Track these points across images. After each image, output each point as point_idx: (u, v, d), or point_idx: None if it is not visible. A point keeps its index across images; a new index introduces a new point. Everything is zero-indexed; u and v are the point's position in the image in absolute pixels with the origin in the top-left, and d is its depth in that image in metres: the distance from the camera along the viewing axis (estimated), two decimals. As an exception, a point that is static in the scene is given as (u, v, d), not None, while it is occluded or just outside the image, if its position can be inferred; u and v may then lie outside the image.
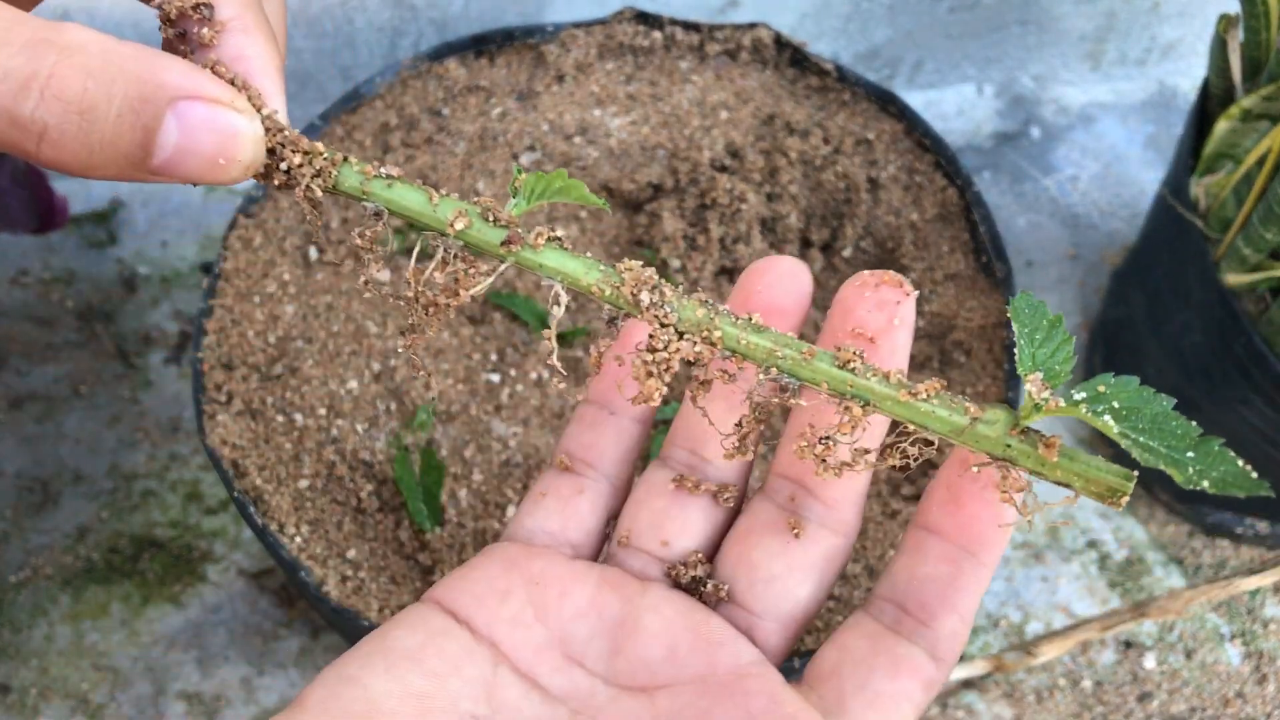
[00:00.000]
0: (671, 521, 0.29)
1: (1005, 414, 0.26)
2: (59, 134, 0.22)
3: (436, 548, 0.49)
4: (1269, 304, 0.64)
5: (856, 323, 0.26)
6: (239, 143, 0.23)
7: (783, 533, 0.28)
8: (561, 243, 0.26)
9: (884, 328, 0.26)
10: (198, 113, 0.23)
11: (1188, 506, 0.79)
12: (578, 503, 0.30)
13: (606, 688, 0.27)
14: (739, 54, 0.62)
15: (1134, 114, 1.01)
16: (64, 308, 0.84)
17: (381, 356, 0.52)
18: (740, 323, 0.26)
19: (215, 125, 0.23)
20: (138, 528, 0.76)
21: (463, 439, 0.51)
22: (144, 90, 0.22)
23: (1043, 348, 0.26)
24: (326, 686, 0.26)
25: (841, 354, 0.25)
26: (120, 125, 0.22)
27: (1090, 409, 0.26)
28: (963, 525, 0.26)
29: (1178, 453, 0.25)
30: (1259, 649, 0.78)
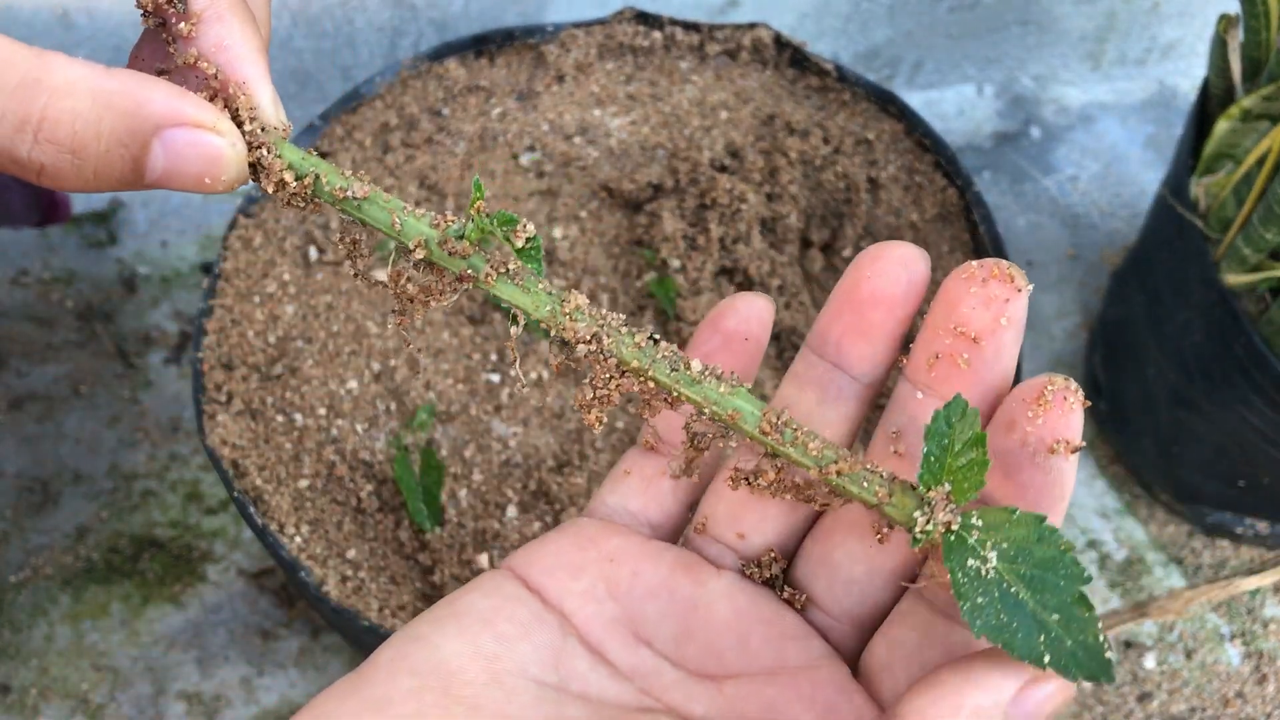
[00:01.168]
0: (749, 514, 0.28)
1: (911, 503, 0.25)
2: (55, 170, 0.24)
3: (436, 548, 0.49)
4: (1269, 304, 0.64)
5: (960, 320, 0.24)
6: (221, 164, 0.25)
7: (867, 535, 0.27)
8: (511, 277, 0.28)
9: (989, 327, 0.24)
10: (181, 138, 0.24)
11: (1188, 507, 0.80)
12: (660, 483, 0.29)
13: (674, 670, 0.27)
14: (739, 54, 0.62)
15: (1134, 114, 1.01)
16: (64, 308, 0.84)
17: (381, 356, 0.52)
18: (675, 375, 0.27)
19: (198, 150, 0.24)
20: (138, 528, 0.76)
21: (462, 439, 0.51)
22: (130, 124, 0.24)
23: (960, 458, 0.24)
24: (395, 647, 0.26)
25: (767, 417, 0.26)
26: (110, 158, 0.24)
27: (979, 539, 0.24)
28: (1019, 494, 0.25)
29: (1044, 609, 0.23)
30: (1259, 649, 0.78)
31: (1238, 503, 0.77)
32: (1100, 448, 0.84)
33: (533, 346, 0.53)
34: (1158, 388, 0.75)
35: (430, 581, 0.49)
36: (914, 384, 0.26)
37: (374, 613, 0.47)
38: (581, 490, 0.49)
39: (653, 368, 0.27)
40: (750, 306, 0.28)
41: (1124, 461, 0.83)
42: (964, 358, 0.24)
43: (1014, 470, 0.24)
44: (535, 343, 0.53)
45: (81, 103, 0.23)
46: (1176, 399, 0.73)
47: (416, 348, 0.53)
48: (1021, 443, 0.24)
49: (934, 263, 0.58)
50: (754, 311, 0.28)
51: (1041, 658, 0.23)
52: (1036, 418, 0.23)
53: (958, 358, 0.25)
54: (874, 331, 0.26)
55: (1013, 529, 0.24)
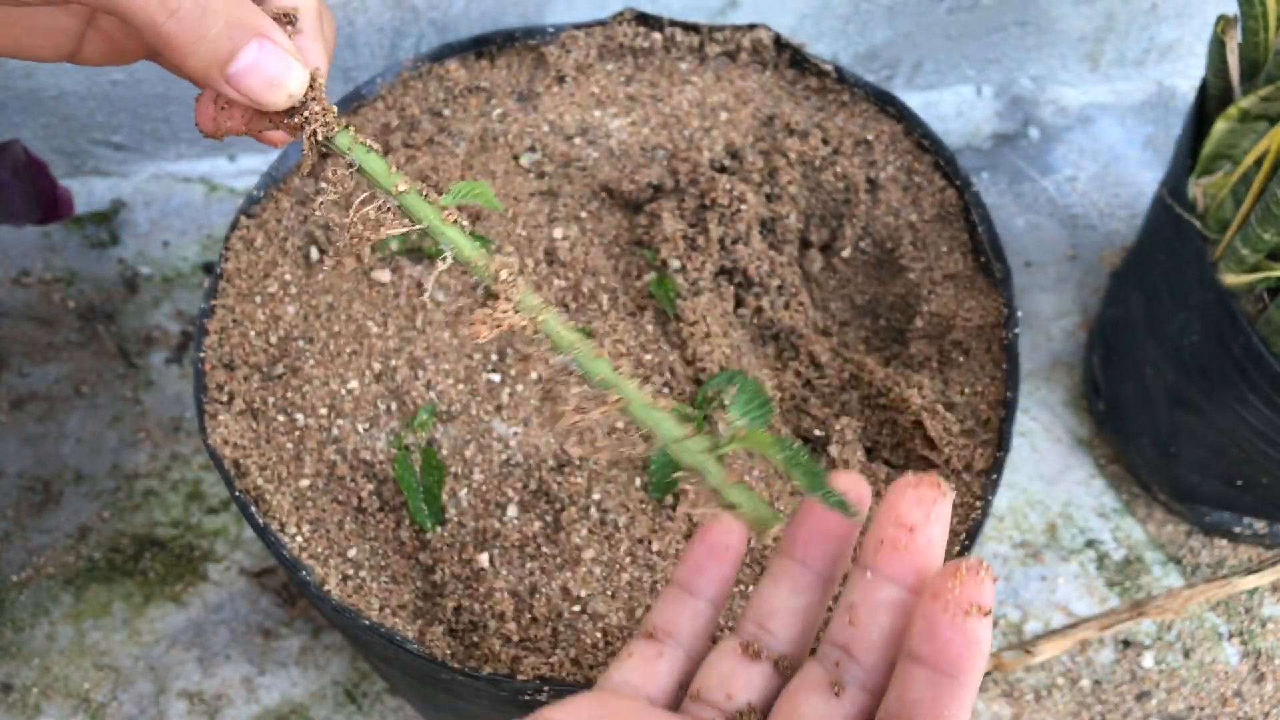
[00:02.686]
0: (736, 679, 0.34)
1: (708, 440, 0.35)
2: (174, 40, 0.32)
3: (437, 547, 0.49)
4: (1267, 304, 0.65)
5: (899, 515, 0.31)
6: (290, 74, 0.34)
7: (826, 691, 0.32)
8: (462, 227, 0.35)
9: (921, 521, 0.31)
10: (270, 48, 0.33)
11: (1186, 506, 0.80)
12: (657, 664, 0.35)
13: None
14: (739, 55, 0.63)
15: (1132, 115, 1.01)
16: (65, 308, 0.84)
17: (382, 357, 0.53)
18: (561, 321, 0.35)
19: (279, 59, 0.33)
20: (139, 527, 0.76)
21: (463, 439, 0.51)
22: (246, 21, 0.33)
23: (748, 406, 0.38)
24: None
25: (616, 362, 0.33)
26: (219, 40, 0.32)
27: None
28: (941, 651, 0.29)
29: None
30: (1257, 648, 0.78)
31: (1236, 502, 0.77)
32: (1099, 447, 0.85)
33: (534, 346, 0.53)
34: (1156, 387, 0.75)
35: (431, 580, 0.49)
36: (864, 566, 0.32)
37: (375, 611, 0.47)
38: (581, 489, 0.49)
39: (546, 312, 0.35)
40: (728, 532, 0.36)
41: (1122, 461, 0.83)
42: (902, 543, 0.31)
43: (937, 632, 0.29)
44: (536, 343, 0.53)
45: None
46: (1175, 399, 0.73)
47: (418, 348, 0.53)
48: (943, 608, 0.29)
49: (933, 263, 0.58)
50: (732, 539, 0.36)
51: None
52: (955, 588, 0.29)
53: (897, 543, 0.31)
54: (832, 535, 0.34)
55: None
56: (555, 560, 0.48)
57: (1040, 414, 0.86)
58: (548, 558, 0.48)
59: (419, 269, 0.55)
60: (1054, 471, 0.84)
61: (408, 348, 0.53)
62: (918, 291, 0.58)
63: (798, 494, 0.52)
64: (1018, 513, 0.82)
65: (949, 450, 0.52)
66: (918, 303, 0.58)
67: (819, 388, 0.55)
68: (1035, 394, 0.87)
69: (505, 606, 0.47)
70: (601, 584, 0.48)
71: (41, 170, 0.68)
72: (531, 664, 0.46)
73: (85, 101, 0.83)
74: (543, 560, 0.48)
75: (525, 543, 0.48)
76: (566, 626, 0.47)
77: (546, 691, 0.45)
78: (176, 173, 0.90)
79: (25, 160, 0.67)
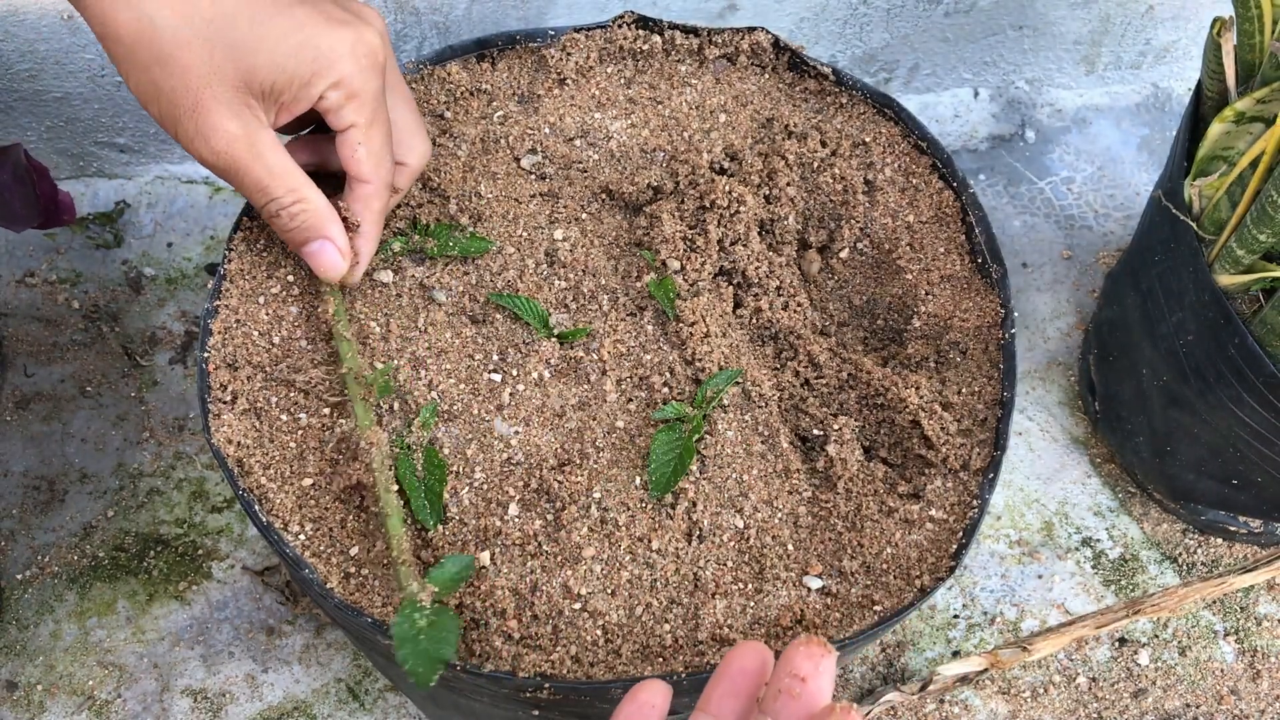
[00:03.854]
0: None
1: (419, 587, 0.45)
2: (279, 225, 0.50)
3: (439, 545, 0.49)
4: (1262, 305, 0.65)
5: (793, 668, 0.37)
6: (337, 274, 0.52)
7: None
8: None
9: (811, 673, 0.37)
10: (329, 248, 0.51)
11: (1182, 505, 0.80)
12: None
13: None
14: (738, 58, 0.63)
15: (1128, 117, 1.02)
16: (70, 308, 0.84)
17: (384, 357, 0.53)
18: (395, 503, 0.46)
19: (330, 256, 0.51)
20: (144, 526, 0.77)
21: (465, 438, 0.51)
22: (315, 226, 0.50)
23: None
24: None
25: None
26: (297, 231, 0.50)
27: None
28: None
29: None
30: (1253, 646, 0.78)
31: (1231, 501, 0.77)
32: (1094, 447, 0.85)
33: (534, 346, 0.53)
34: (1152, 387, 0.75)
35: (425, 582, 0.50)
36: (765, 712, 0.37)
37: (377, 609, 0.48)
38: (582, 488, 0.49)
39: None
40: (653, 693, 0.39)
41: (1118, 460, 0.84)
42: (796, 691, 0.36)
43: None
44: (536, 343, 0.54)
45: (307, 207, 0.49)
46: (1170, 398, 0.74)
47: (420, 348, 0.54)
48: None
49: (930, 264, 0.59)
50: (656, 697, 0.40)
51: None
52: None
53: (792, 691, 0.36)
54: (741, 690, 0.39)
55: None
56: (556, 558, 0.48)
57: (1037, 414, 0.87)
58: (548, 556, 0.49)
59: (421, 269, 0.56)
60: (1050, 470, 0.84)
61: (409, 347, 0.53)
62: (915, 292, 0.58)
63: (798, 493, 0.52)
64: (1014, 511, 0.83)
65: (946, 449, 0.53)
66: (915, 303, 0.58)
67: (817, 387, 0.56)
68: (1032, 394, 0.87)
69: (506, 604, 0.47)
70: (601, 582, 0.48)
71: (43, 175, 0.68)
72: (532, 661, 0.46)
73: (90, 104, 0.83)
74: (543, 558, 0.49)
75: (526, 541, 0.49)
76: (567, 624, 0.47)
77: (547, 688, 0.45)
78: (180, 174, 0.90)
79: (26, 164, 0.67)
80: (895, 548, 0.51)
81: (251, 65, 0.45)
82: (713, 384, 0.52)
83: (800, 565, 0.50)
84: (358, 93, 0.48)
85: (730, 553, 0.50)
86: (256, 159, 0.47)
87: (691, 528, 0.50)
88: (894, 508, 0.52)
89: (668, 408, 0.51)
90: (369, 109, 0.49)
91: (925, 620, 0.78)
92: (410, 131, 0.53)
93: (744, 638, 0.48)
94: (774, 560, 0.50)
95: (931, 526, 0.51)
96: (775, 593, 0.49)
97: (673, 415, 0.50)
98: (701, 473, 0.50)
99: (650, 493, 0.49)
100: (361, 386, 0.51)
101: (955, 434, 0.53)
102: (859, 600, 0.49)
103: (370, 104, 0.49)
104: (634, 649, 0.47)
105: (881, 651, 0.76)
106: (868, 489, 0.52)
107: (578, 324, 0.55)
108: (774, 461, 0.52)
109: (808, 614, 0.49)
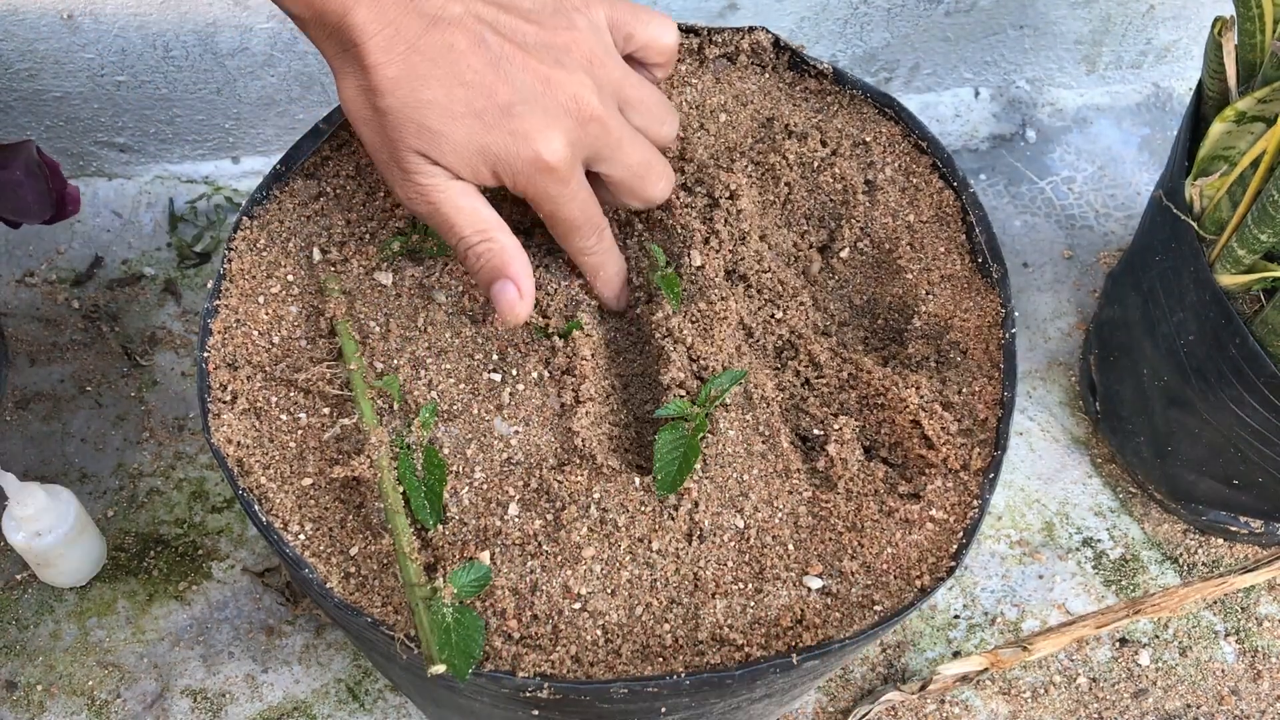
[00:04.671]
0: None
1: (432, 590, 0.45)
2: (468, 264, 0.50)
3: (439, 545, 0.49)
4: (1263, 304, 0.65)
5: None
6: (518, 316, 0.50)
7: None
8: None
9: None
10: (512, 290, 0.49)
11: (1183, 505, 0.80)
12: None
13: None
14: (738, 57, 0.63)
15: (1129, 116, 1.02)
16: (70, 308, 0.85)
17: (384, 357, 0.53)
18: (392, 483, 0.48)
19: (514, 303, 0.49)
20: (143, 526, 0.77)
21: (464, 437, 0.51)
22: (499, 267, 0.49)
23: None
24: None
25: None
26: (483, 271, 0.49)
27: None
28: None
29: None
30: (1253, 646, 0.78)
31: (1232, 501, 0.77)
32: (1095, 447, 0.85)
33: (533, 346, 0.53)
34: (1152, 387, 0.75)
35: (432, 579, 0.50)
36: None
37: (377, 609, 0.48)
38: (582, 488, 0.49)
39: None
40: None
41: (1119, 460, 0.84)
42: None
43: None
44: (536, 342, 0.54)
45: (495, 252, 0.49)
46: (1171, 399, 0.74)
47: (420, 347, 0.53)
48: None
49: (930, 264, 0.59)
50: None
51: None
52: None
53: None
54: None
55: None
56: (556, 558, 0.48)
57: (1037, 414, 0.87)
58: (548, 556, 0.49)
59: (420, 270, 0.55)
60: (1051, 471, 0.84)
61: (409, 347, 0.53)
62: (916, 292, 0.58)
63: (798, 493, 0.52)
64: (1015, 512, 0.83)
65: (946, 449, 0.53)
66: (916, 303, 0.58)
67: (818, 387, 0.56)
68: (1032, 394, 0.87)
69: (506, 604, 0.47)
70: (601, 582, 0.48)
71: (54, 170, 0.69)
72: (532, 661, 0.46)
73: (89, 103, 0.83)
74: (543, 558, 0.48)
75: (526, 541, 0.49)
76: (567, 624, 0.47)
77: (547, 688, 0.45)
78: (180, 174, 0.90)
79: (38, 160, 0.68)
80: (895, 548, 0.51)
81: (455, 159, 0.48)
82: (716, 383, 0.52)
83: (800, 565, 0.50)
84: (530, 199, 0.49)
85: (730, 553, 0.50)
86: (447, 200, 0.48)
87: (692, 528, 0.50)
88: (894, 508, 0.52)
89: (670, 405, 0.51)
90: (545, 212, 0.50)
91: (926, 620, 0.78)
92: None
93: (744, 638, 0.48)
94: (774, 560, 0.50)
95: (932, 526, 0.51)
96: (775, 593, 0.49)
97: (675, 413, 0.50)
98: (704, 472, 0.50)
99: (657, 491, 0.49)
100: (368, 385, 0.51)
101: (956, 434, 0.53)
102: (859, 600, 0.49)
103: (546, 209, 0.50)
104: (634, 649, 0.47)
105: (881, 651, 0.76)
106: (868, 489, 0.52)
107: (579, 323, 0.55)
108: (774, 461, 0.52)
109: (808, 614, 0.49)
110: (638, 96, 0.52)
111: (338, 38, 0.46)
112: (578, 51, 0.49)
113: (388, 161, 0.48)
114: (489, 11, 0.47)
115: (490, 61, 0.46)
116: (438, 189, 0.48)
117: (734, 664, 0.47)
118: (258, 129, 0.89)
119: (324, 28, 0.46)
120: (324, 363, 0.53)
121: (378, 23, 0.45)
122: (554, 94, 0.47)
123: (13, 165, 0.67)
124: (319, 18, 0.46)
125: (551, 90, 0.47)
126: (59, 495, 0.70)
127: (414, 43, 0.46)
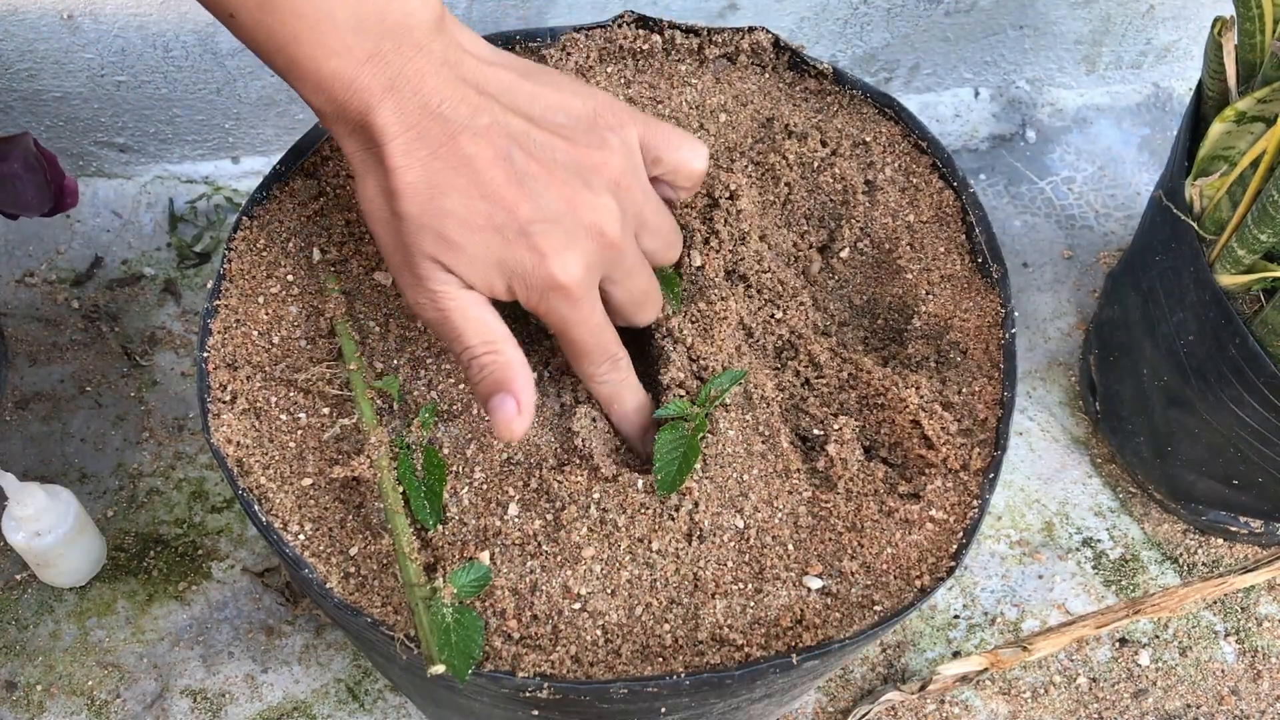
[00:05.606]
0: None
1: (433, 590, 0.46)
2: (469, 375, 0.48)
3: (439, 545, 0.49)
4: (1263, 305, 0.65)
5: None
6: (516, 432, 0.47)
7: None
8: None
9: None
10: (511, 404, 0.47)
11: (1183, 505, 0.80)
12: None
13: None
14: (738, 57, 0.63)
15: (1129, 117, 1.02)
16: (70, 308, 0.85)
17: (384, 357, 0.53)
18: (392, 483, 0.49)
19: (511, 418, 0.47)
20: (143, 526, 0.77)
21: (464, 438, 0.51)
22: (500, 380, 0.47)
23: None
24: None
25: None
26: (484, 384, 0.47)
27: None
28: None
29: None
30: (1254, 646, 0.78)
31: (1232, 501, 0.77)
32: (1095, 447, 0.85)
33: (532, 347, 0.53)
34: (1152, 388, 0.76)
35: (432, 579, 0.50)
36: None
37: (377, 609, 0.48)
38: (582, 488, 0.49)
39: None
40: None
41: (1119, 460, 0.84)
42: None
43: None
44: (536, 343, 0.54)
45: (499, 357, 0.47)
46: (1171, 399, 0.74)
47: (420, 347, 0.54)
48: None
49: (930, 264, 0.59)
50: None
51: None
52: None
53: None
54: None
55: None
56: (555, 558, 0.48)
57: (1037, 414, 0.87)
58: (548, 556, 0.49)
59: (421, 270, 0.56)
60: (1051, 471, 0.84)
61: (409, 347, 0.53)
62: (915, 292, 0.58)
63: (798, 493, 0.52)
64: (1015, 511, 0.83)
65: (946, 449, 0.53)
66: (915, 303, 0.58)
67: (818, 387, 0.56)
68: (1032, 394, 0.87)
69: (506, 604, 0.47)
70: (601, 582, 0.48)
71: (52, 163, 0.69)
72: (532, 661, 0.46)
73: (89, 103, 0.83)
74: (543, 558, 0.49)
75: (526, 541, 0.49)
76: (567, 624, 0.47)
77: (547, 688, 0.45)
78: (180, 174, 0.90)
79: (36, 153, 0.68)
80: (895, 548, 0.51)
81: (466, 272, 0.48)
82: (716, 383, 0.52)
83: (800, 565, 0.50)
84: (542, 317, 0.48)
85: (730, 553, 0.50)
86: (457, 309, 0.47)
87: (692, 528, 0.50)
88: (894, 508, 0.52)
89: (670, 406, 0.51)
90: (556, 332, 0.49)
91: (925, 620, 0.78)
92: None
93: (744, 638, 0.48)
94: (774, 560, 0.50)
95: (932, 527, 0.51)
96: (775, 593, 0.49)
97: (675, 413, 0.50)
98: (704, 472, 0.50)
99: (658, 491, 0.49)
100: (367, 385, 0.51)
101: (955, 434, 0.53)
102: (859, 600, 0.49)
103: (557, 329, 0.49)
104: (634, 649, 0.47)
105: (881, 651, 0.76)
106: (868, 489, 0.52)
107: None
108: (774, 461, 0.52)
109: (808, 614, 0.49)
110: (655, 223, 0.51)
111: (360, 136, 0.45)
112: (607, 173, 0.48)
113: (401, 265, 0.47)
114: (519, 125, 0.46)
115: (514, 177, 0.45)
116: (449, 296, 0.47)
117: (734, 664, 0.47)
118: (258, 129, 0.89)
119: (346, 123, 0.45)
120: (324, 363, 0.53)
121: (400, 125, 0.44)
122: (578, 215, 0.46)
123: (11, 157, 0.67)
124: (341, 113, 0.45)
125: (575, 212, 0.46)
126: (59, 495, 0.70)
127: (436, 150, 0.45)
